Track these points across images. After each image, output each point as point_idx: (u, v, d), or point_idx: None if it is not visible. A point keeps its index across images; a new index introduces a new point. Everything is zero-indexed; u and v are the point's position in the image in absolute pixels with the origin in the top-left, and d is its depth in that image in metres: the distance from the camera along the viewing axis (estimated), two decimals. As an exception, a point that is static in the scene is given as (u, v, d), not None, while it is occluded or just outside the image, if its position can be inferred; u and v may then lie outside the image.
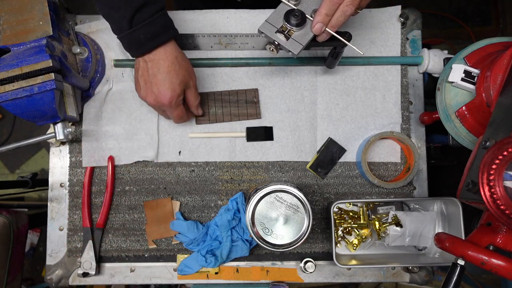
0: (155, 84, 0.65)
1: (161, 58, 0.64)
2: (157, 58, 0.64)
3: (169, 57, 0.65)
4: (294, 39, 0.59)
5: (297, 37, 0.59)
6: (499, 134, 0.49)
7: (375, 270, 0.77)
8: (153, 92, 0.66)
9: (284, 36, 0.59)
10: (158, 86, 0.65)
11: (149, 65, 0.65)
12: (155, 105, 0.68)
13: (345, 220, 0.76)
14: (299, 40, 0.59)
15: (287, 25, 0.59)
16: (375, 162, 0.79)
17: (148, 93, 0.66)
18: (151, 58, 0.64)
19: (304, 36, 0.59)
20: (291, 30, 0.59)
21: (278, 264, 0.77)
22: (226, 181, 0.78)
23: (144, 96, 0.68)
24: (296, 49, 0.59)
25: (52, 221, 0.77)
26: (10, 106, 0.62)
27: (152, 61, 0.64)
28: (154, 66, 0.64)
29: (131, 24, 0.61)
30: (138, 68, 0.67)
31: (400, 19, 0.79)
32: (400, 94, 0.79)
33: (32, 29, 0.64)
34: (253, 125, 0.79)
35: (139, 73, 0.67)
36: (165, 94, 0.65)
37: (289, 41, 0.59)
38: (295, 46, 0.59)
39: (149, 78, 0.65)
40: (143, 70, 0.66)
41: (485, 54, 0.63)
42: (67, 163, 0.78)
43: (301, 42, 0.59)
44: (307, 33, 0.59)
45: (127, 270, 0.77)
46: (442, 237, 0.51)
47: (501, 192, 0.43)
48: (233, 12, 0.80)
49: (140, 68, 0.66)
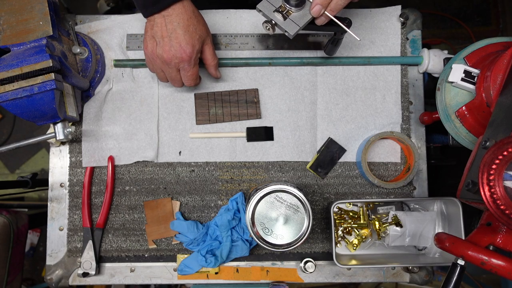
0: (174, 38, 0.63)
1: (180, 12, 0.63)
2: (176, 13, 0.63)
3: (187, 11, 0.63)
4: (292, 20, 0.59)
5: (295, 18, 0.59)
6: (499, 134, 0.49)
7: (375, 270, 0.77)
8: (172, 47, 0.64)
9: (282, 15, 0.59)
10: (179, 40, 0.63)
11: (168, 19, 0.63)
12: (171, 61, 0.65)
13: (345, 220, 0.76)
14: (296, 21, 0.59)
15: (286, 5, 0.59)
16: (375, 162, 0.79)
17: (166, 49, 0.64)
18: (169, 13, 0.63)
19: (302, 17, 0.59)
20: (289, 11, 0.59)
21: (278, 264, 0.77)
22: (226, 181, 0.78)
23: (160, 53, 0.65)
24: (292, 29, 0.59)
25: (52, 221, 0.77)
26: (10, 106, 0.62)
27: (170, 16, 0.63)
28: (173, 21, 0.63)
29: None
30: (152, 26, 0.65)
31: (400, 19, 0.79)
32: (400, 94, 0.79)
33: (32, 29, 0.64)
34: (253, 125, 0.79)
35: (154, 30, 0.64)
36: (186, 49, 0.64)
37: (286, 21, 0.59)
38: (292, 26, 0.59)
39: (168, 32, 0.63)
40: (160, 26, 0.64)
41: (485, 54, 0.63)
42: (67, 163, 0.78)
43: (298, 23, 0.59)
44: (306, 14, 0.59)
45: (127, 270, 0.77)
46: (442, 237, 0.51)
47: (501, 192, 0.43)
48: (233, 12, 0.80)
49: (155, 24, 0.64)
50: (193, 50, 0.65)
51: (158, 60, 0.66)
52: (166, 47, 0.64)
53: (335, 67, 0.79)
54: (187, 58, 0.65)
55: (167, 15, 0.63)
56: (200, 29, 0.65)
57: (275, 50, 0.80)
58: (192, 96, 0.79)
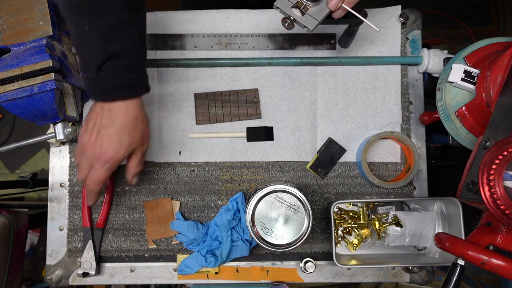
0: (102, 136, 0.58)
1: (120, 112, 0.58)
2: (116, 111, 0.58)
3: (129, 114, 0.58)
4: (310, 15, 0.59)
5: (312, 12, 0.59)
6: (499, 134, 0.49)
7: (375, 270, 0.77)
8: (96, 142, 0.59)
9: (299, 11, 0.59)
10: (104, 140, 0.58)
11: (105, 114, 0.58)
12: (88, 152, 0.60)
13: (345, 220, 0.76)
14: (314, 15, 0.59)
15: (303, 0, 0.59)
16: (375, 162, 0.79)
17: (91, 139, 0.59)
18: (109, 108, 0.58)
19: (320, 12, 0.59)
20: (306, 6, 0.59)
21: (278, 264, 0.77)
22: (226, 181, 0.78)
23: (85, 141, 0.60)
24: (311, 24, 0.59)
25: (52, 221, 0.77)
26: (10, 106, 0.62)
27: (109, 111, 0.58)
28: (109, 117, 0.58)
29: (99, 70, 0.55)
30: (92, 110, 0.60)
31: (400, 19, 0.79)
32: (400, 94, 0.79)
33: (32, 29, 0.64)
34: (253, 125, 0.79)
35: (91, 115, 0.60)
36: (106, 152, 0.58)
37: (305, 17, 0.59)
38: (311, 21, 0.59)
39: (99, 126, 0.58)
40: (96, 115, 0.59)
41: (485, 54, 0.63)
42: (67, 163, 0.78)
43: (316, 18, 0.59)
44: (323, 8, 0.59)
45: (127, 270, 0.77)
46: (442, 237, 0.51)
47: (501, 192, 0.43)
48: (233, 12, 0.80)
49: (94, 112, 0.60)
50: (115, 156, 0.59)
51: (80, 147, 0.62)
52: (92, 138, 0.59)
53: (335, 67, 0.79)
54: (103, 161, 0.59)
55: (107, 109, 0.58)
56: (135, 137, 0.60)
57: (275, 50, 0.80)
58: (192, 96, 0.79)
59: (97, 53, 0.54)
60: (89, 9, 0.53)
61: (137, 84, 0.59)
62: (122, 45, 0.55)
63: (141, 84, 0.60)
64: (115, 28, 0.55)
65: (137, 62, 0.58)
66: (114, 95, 0.57)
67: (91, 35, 0.54)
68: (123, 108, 0.58)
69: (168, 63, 0.78)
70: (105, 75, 0.56)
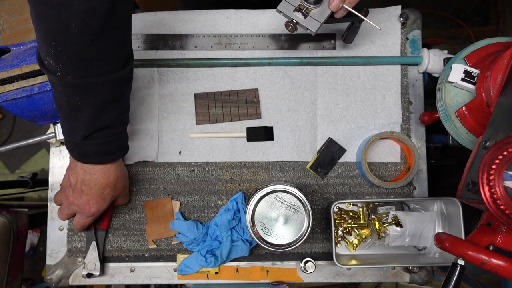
0: (86, 194, 0.62)
1: (101, 176, 0.61)
2: (97, 175, 0.61)
3: (110, 177, 0.62)
4: (312, 17, 0.60)
5: (314, 14, 0.60)
6: (499, 134, 0.49)
7: (375, 270, 0.77)
8: (80, 198, 0.62)
9: (302, 14, 0.60)
10: (88, 198, 0.62)
11: (87, 177, 0.61)
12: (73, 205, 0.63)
13: (345, 220, 0.76)
14: (316, 17, 0.60)
15: (305, 3, 0.60)
16: (375, 162, 0.79)
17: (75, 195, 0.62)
18: (91, 172, 0.60)
19: (321, 13, 0.60)
20: (308, 8, 0.60)
21: (278, 264, 0.77)
22: (226, 181, 0.78)
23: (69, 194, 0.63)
24: (314, 26, 0.60)
25: (52, 221, 0.77)
26: (10, 106, 0.62)
27: (91, 175, 0.61)
28: (92, 180, 0.61)
29: (85, 139, 0.56)
30: (73, 169, 0.62)
31: (400, 19, 0.79)
32: (400, 94, 0.79)
33: (32, 29, 0.64)
34: (253, 125, 0.79)
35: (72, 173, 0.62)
36: (90, 208, 0.63)
37: (307, 19, 0.60)
38: (313, 24, 0.60)
39: (82, 186, 0.61)
40: (78, 176, 0.61)
41: (485, 54, 0.63)
42: (67, 163, 0.78)
43: (319, 19, 0.60)
44: (325, 10, 0.60)
45: (127, 270, 0.77)
46: (442, 237, 0.51)
47: (501, 192, 0.43)
48: (233, 12, 0.80)
49: (75, 170, 0.61)
50: (98, 210, 0.64)
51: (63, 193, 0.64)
52: (76, 195, 0.62)
53: (335, 67, 0.79)
54: (87, 214, 0.64)
55: (88, 173, 0.60)
56: (117, 190, 0.65)
57: (275, 50, 0.80)
58: (192, 96, 0.79)
59: (86, 125, 0.55)
60: (84, 88, 0.52)
61: (118, 149, 0.61)
62: (112, 118, 0.57)
63: (122, 147, 0.62)
64: (107, 104, 0.55)
65: (123, 129, 0.61)
66: (96, 160, 0.59)
67: (82, 110, 0.54)
68: (105, 172, 0.61)
69: (168, 63, 0.78)
70: (90, 143, 0.57)
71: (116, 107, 0.57)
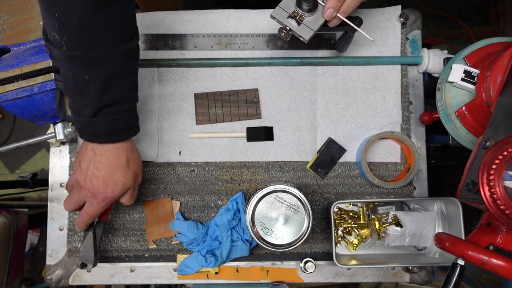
0: (97, 177, 0.60)
1: (112, 156, 0.59)
2: (108, 156, 0.59)
3: (121, 158, 0.60)
4: (306, 25, 0.60)
5: (308, 22, 0.60)
6: (499, 134, 0.49)
7: (375, 270, 0.77)
8: (91, 183, 0.60)
9: (295, 21, 0.60)
10: (100, 181, 0.60)
11: (97, 158, 0.59)
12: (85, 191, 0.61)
13: (345, 220, 0.76)
14: (310, 25, 0.60)
15: (299, 11, 0.60)
16: (375, 162, 0.79)
17: (87, 180, 0.60)
18: (101, 152, 0.59)
19: (315, 21, 0.60)
20: (302, 16, 0.60)
21: (278, 264, 0.77)
22: (226, 181, 0.78)
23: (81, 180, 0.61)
24: (307, 34, 0.60)
25: (52, 221, 0.77)
26: (10, 106, 0.62)
27: (101, 156, 0.59)
28: (102, 161, 0.59)
29: (94, 115, 0.56)
30: (83, 152, 0.60)
31: (400, 19, 0.79)
32: (400, 94, 0.79)
33: (32, 29, 0.64)
34: (253, 125, 0.79)
35: (83, 157, 0.61)
36: (102, 192, 0.60)
37: (301, 27, 0.60)
38: (306, 31, 0.60)
39: (93, 169, 0.59)
40: (88, 159, 0.60)
41: (485, 54, 0.63)
42: (67, 163, 0.78)
43: (312, 27, 0.60)
44: (319, 18, 0.60)
45: (127, 270, 0.77)
46: (442, 237, 0.51)
47: (501, 192, 0.43)
48: (233, 12, 0.80)
49: (85, 154, 0.60)
50: (110, 195, 0.61)
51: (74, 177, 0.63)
52: (88, 178, 0.60)
53: (335, 67, 0.79)
54: (100, 198, 0.61)
55: (98, 153, 0.59)
56: (128, 177, 0.61)
57: (275, 50, 0.80)
58: (192, 96, 0.79)
59: (94, 100, 0.55)
60: (89, 61, 0.53)
61: (127, 127, 0.60)
62: (119, 94, 0.56)
63: (132, 126, 0.61)
64: (113, 78, 0.55)
65: (132, 107, 0.60)
66: (106, 138, 0.58)
67: (89, 84, 0.54)
68: (115, 152, 0.59)
69: (168, 63, 0.78)
70: (99, 120, 0.56)
71: (123, 84, 0.56)
